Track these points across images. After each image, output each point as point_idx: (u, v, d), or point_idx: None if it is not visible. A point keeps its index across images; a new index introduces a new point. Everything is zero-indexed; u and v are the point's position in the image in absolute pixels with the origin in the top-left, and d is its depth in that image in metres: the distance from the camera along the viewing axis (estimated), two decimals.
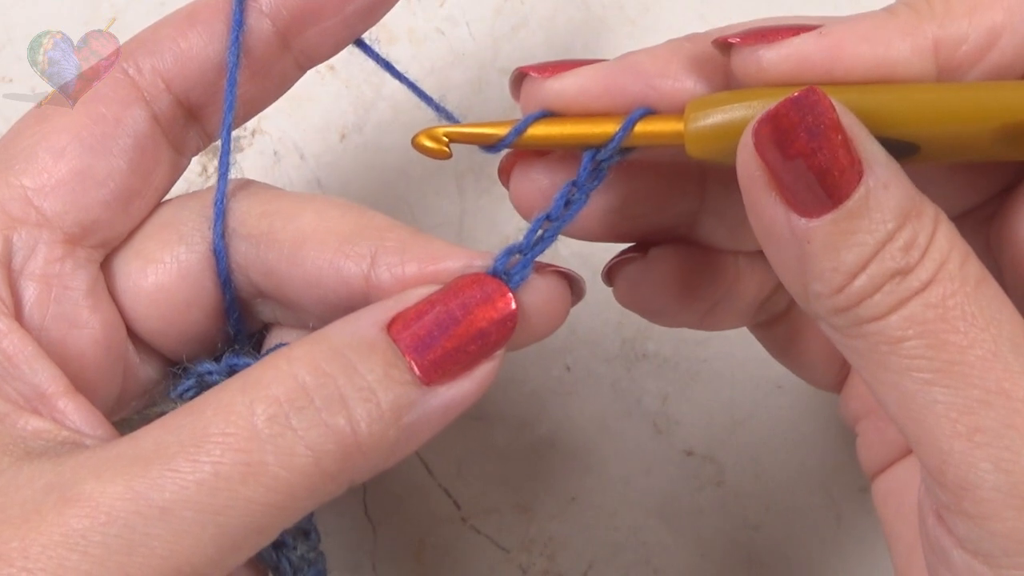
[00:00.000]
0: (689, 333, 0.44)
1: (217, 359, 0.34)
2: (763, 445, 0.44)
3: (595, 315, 0.44)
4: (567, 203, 0.31)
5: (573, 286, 0.33)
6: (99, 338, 0.32)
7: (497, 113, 0.45)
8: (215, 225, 0.33)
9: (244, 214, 0.33)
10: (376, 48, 0.36)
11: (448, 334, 0.29)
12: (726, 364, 0.44)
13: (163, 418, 0.28)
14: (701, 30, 0.31)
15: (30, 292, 0.31)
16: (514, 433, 0.44)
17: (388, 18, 0.35)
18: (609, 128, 0.30)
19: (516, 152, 0.33)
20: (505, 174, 0.33)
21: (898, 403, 0.27)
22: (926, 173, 0.32)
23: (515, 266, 0.31)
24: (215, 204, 0.33)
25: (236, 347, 0.34)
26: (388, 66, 0.37)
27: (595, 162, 0.31)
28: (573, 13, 0.45)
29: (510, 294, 0.30)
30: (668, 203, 0.34)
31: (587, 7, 0.45)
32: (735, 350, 0.44)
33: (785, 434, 0.44)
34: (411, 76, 0.37)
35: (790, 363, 0.37)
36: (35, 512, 0.26)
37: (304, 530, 0.33)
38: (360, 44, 0.35)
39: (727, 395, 0.44)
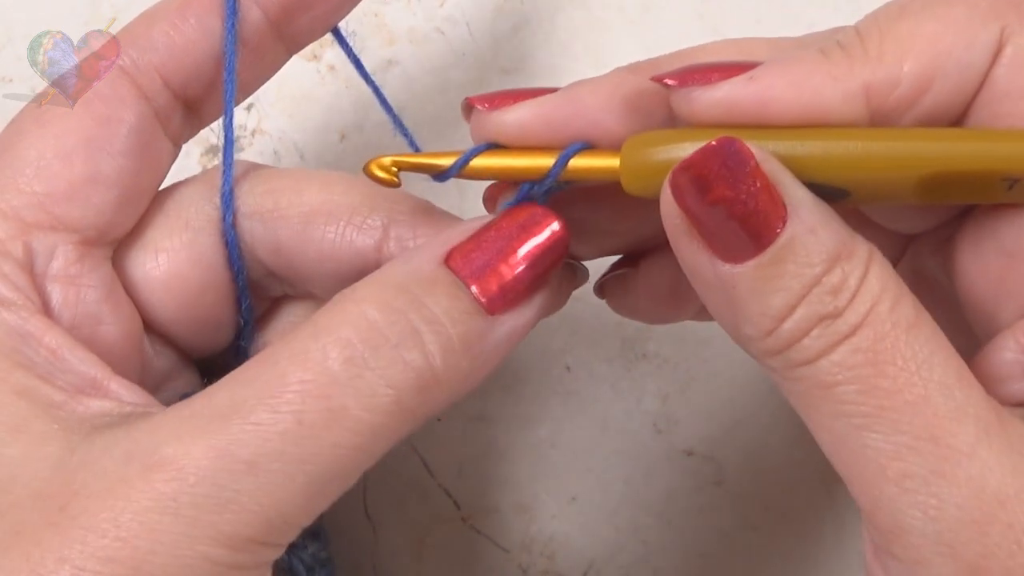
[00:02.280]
0: (689, 333, 0.44)
1: (229, 347, 0.34)
2: (763, 445, 0.44)
3: (595, 315, 0.44)
4: None
5: (574, 272, 0.33)
6: (121, 333, 0.32)
7: None
8: (224, 205, 0.33)
9: (248, 193, 0.33)
10: (376, 49, 0.36)
11: (506, 261, 0.30)
12: (726, 364, 0.44)
13: (234, 373, 0.28)
14: (700, 30, 0.32)
15: (56, 294, 0.31)
16: (514, 433, 0.44)
17: (388, 18, 0.35)
18: (548, 162, 0.30)
19: (501, 184, 0.33)
20: (491, 202, 0.33)
21: (832, 445, 0.27)
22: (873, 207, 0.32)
23: None
24: (222, 186, 0.33)
25: (246, 330, 0.35)
26: (358, 64, 0.37)
27: (531, 194, 0.31)
28: (573, 13, 0.45)
29: (557, 217, 0.30)
30: (650, 215, 0.34)
31: (587, 7, 0.45)
32: (735, 350, 0.44)
33: (785, 434, 0.44)
34: (411, 76, 0.37)
35: None
36: (120, 481, 0.26)
37: (314, 531, 0.34)
38: (336, 35, 0.35)
39: (727, 395, 0.44)
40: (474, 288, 0.29)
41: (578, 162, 0.30)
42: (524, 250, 0.30)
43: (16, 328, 0.29)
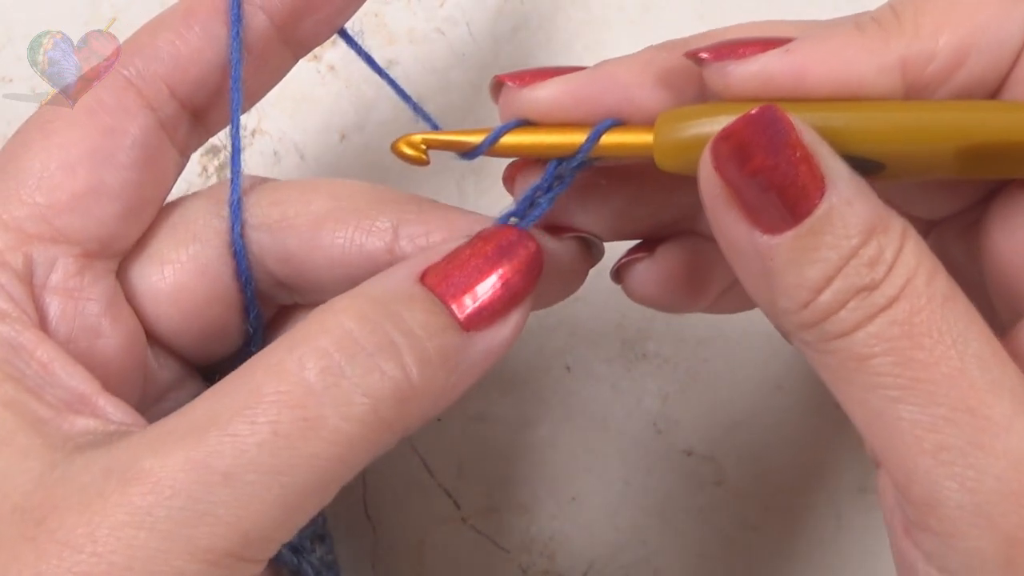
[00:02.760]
0: (689, 333, 0.44)
1: (237, 354, 0.34)
2: (763, 445, 0.44)
3: (595, 315, 0.44)
4: (532, 204, 0.32)
5: (591, 248, 0.33)
6: (122, 346, 0.32)
7: (497, 114, 0.45)
8: (232, 217, 0.33)
9: (255, 205, 0.33)
10: (376, 48, 0.36)
11: (481, 280, 0.30)
12: (726, 364, 0.44)
13: (211, 388, 0.28)
14: (700, 30, 0.31)
15: (54, 307, 0.31)
16: (514, 433, 0.44)
17: (388, 18, 0.35)
18: (579, 139, 0.31)
19: (520, 162, 0.33)
20: (510, 182, 0.33)
21: (865, 419, 0.27)
22: (907, 182, 0.32)
23: None
24: (230, 198, 0.33)
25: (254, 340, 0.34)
26: (370, 61, 0.37)
27: (560, 170, 0.31)
28: (573, 13, 0.45)
29: (534, 240, 0.31)
30: (670, 201, 0.34)
31: (587, 7, 0.45)
32: (735, 350, 0.44)
33: (785, 434, 0.44)
34: (410, 76, 0.38)
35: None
36: (97, 496, 0.26)
37: (320, 535, 0.34)
38: (344, 35, 0.35)
39: (727, 395, 0.44)
40: (452, 306, 0.29)
41: (609, 138, 0.30)
42: (499, 270, 0.30)
43: (9, 340, 0.29)
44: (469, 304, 0.29)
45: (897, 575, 0.29)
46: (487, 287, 0.30)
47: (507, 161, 0.44)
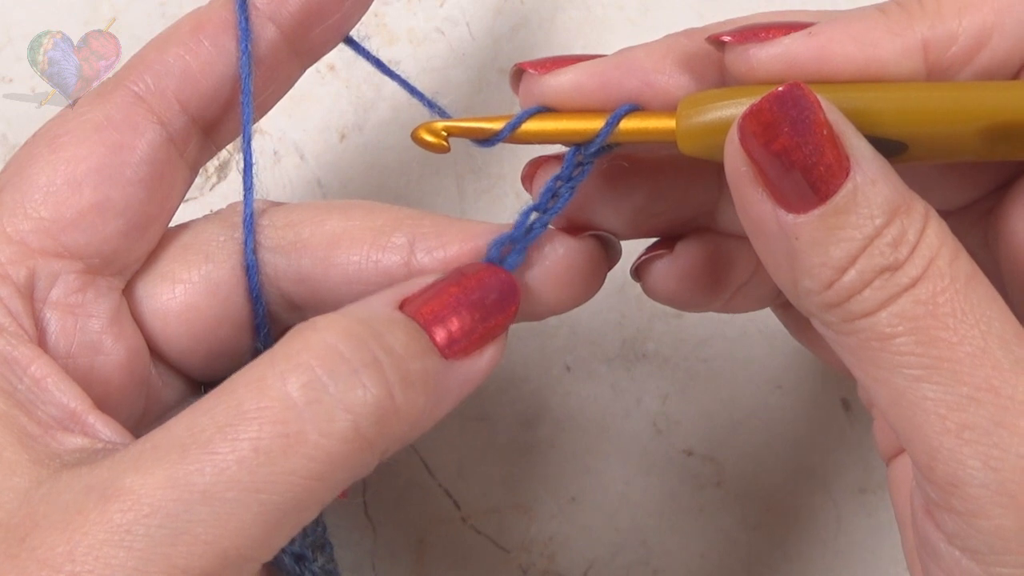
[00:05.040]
0: (689, 333, 0.44)
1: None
2: (763, 445, 0.44)
3: (595, 315, 0.44)
4: (554, 195, 0.32)
5: (609, 248, 0.33)
6: (123, 364, 0.32)
7: (497, 113, 0.45)
8: (245, 231, 0.33)
9: (268, 227, 0.33)
10: (376, 48, 0.36)
11: (457, 314, 0.30)
12: (726, 364, 0.44)
13: (194, 404, 0.28)
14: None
15: (54, 322, 0.31)
16: (514, 433, 0.44)
17: (388, 18, 0.35)
18: (599, 124, 0.31)
19: (539, 159, 0.33)
20: (528, 180, 0.34)
21: (888, 399, 0.27)
22: (924, 168, 0.32)
23: (509, 254, 0.32)
24: (244, 217, 0.33)
25: None
26: (379, 64, 0.37)
27: (579, 157, 0.31)
28: (573, 13, 0.45)
29: (513, 278, 0.31)
30: (688, 197, 0.34)
31: (587, 7, 0.45)
32: (735, 350, 0.44)
33: (785, 434, 0.44)
34: (410, 76, 0.37)
35: (808, 343, 0.37)
36: (78, 513, 0.26)
37: (320, 543, 0.34)
38: (350, 42, 0.35)
39: (727, 395, 0.44)
40: (429, 331, 0.29)
41: (630, 123, 0.31)
42: (474, 304, 0.30)
43: (3, 354, 0.29)
44: (445, 335, 0.29)
45: (918, 559, 0.29)
46: (463, 320, 0.30)
47: (507, 161, 0.44)
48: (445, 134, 0.32)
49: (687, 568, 0.44)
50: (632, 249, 0.35)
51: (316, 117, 0.45)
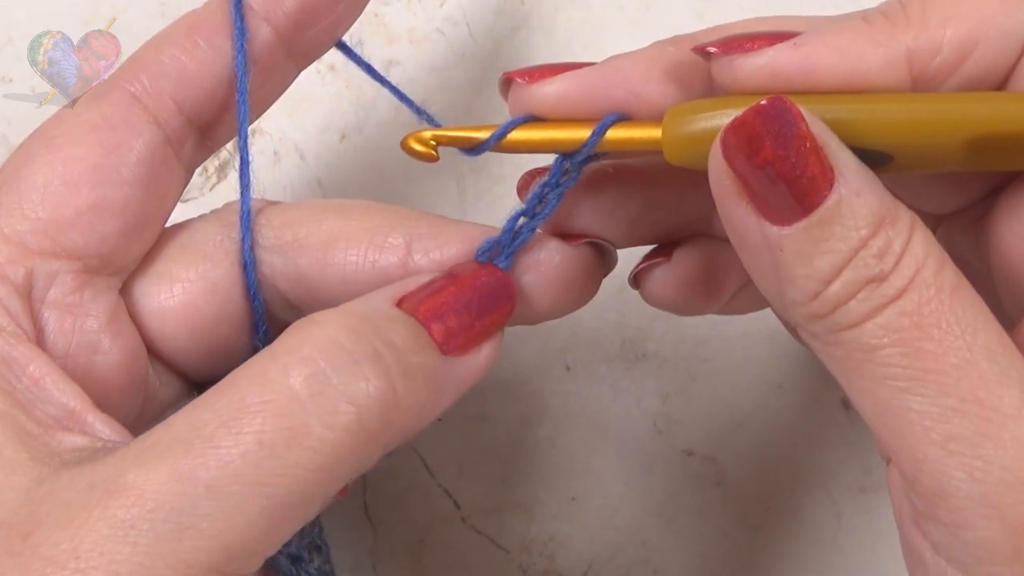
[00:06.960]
0: (689, 333, 0.44)
1: None
2: (763, 445, 0.44)
3: (595, 315, 0.44)
4: (541, 201, 0.32)
5: (605, 255, 0.33)
6: (121, 364, 0.32)
7: (497, 113, 0.45)
8: (242, 230, 0.33)
9: (266, 227, 0.33)
10: (376, 48, 0.36)
11: (454, 311, 0.30)
12: (726, 364, 0.44)
13: (194, 400, 0.28)
14: (700, 29, 0.32)
15: (52, 322, 0.31)
16: (514, 433, 0.44)
17: (388, 18, 0.35)
18: (586, 133, 0.31)
19: (535, 171, 0.33)
20: (524, 190, 0.34)
21: (874, 411, 0.27)
22: (914, 175, 0.32)
23: (496, 258, 0.32)
24: (240, 216, 0.33)
25: None
26: (370, 70, 0.37)
27: (565, 166, 0.31)
28: (573, 13, 0.45)
29: (509, 277, 0.31)
30: (683, 205, 0.34)
31: (587, 7, 0.45)
32: (735, 350, 0.44)
33: (785, 434, 0.44)
34: (410, 76, 0.38)
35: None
36: (81, 510, 0.26)
37: (317, 545, 0.34)
38: (342, 47, 0.36)
39: (727, 395, 0.44)
40: (428, 327, 0.30)
41: (617, 133, 0.31)
42: (471, 302, 0.30)
43: (2, 354, 0.29)
44: (443, 331, 0.30)
45: (906, 567, 0.29)
46: (460, 317, 0.30)
47: (508, 162, 0.44)
48: (434, 143, 0.32)
49: (687, 568, 0.44)
50: (631, 251, 0.35)
51: (316, 117, 0.45)
